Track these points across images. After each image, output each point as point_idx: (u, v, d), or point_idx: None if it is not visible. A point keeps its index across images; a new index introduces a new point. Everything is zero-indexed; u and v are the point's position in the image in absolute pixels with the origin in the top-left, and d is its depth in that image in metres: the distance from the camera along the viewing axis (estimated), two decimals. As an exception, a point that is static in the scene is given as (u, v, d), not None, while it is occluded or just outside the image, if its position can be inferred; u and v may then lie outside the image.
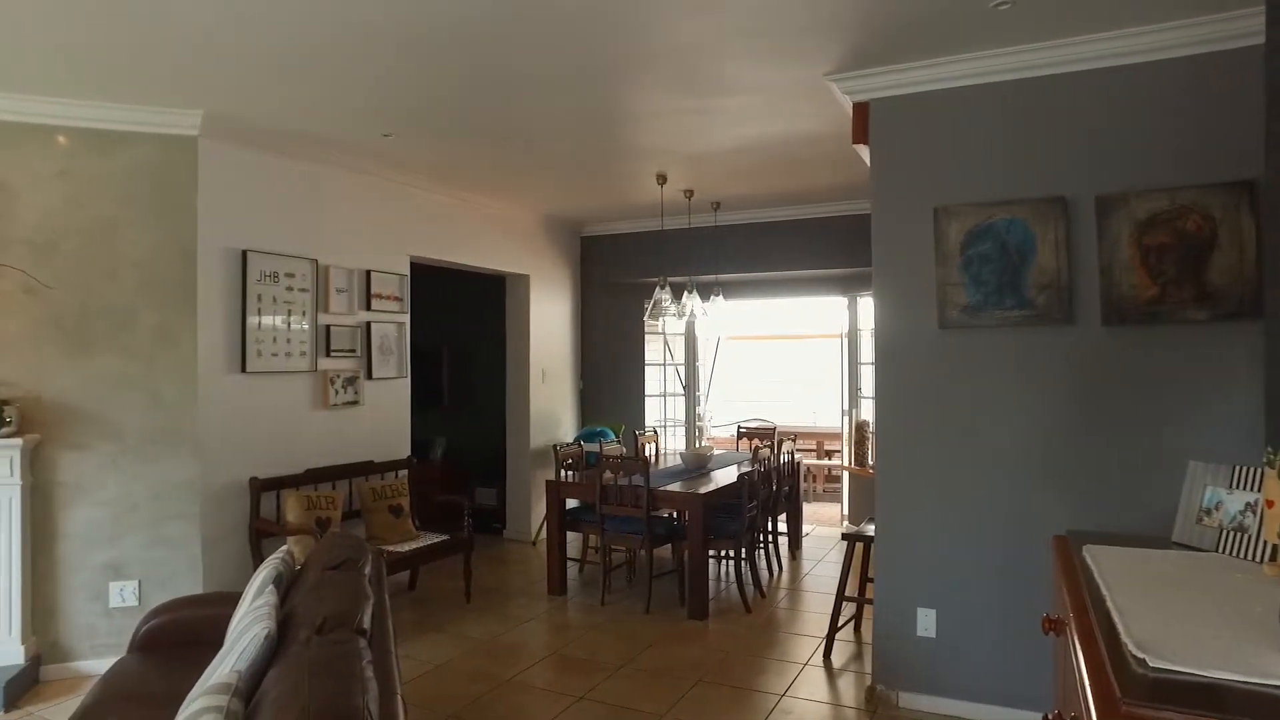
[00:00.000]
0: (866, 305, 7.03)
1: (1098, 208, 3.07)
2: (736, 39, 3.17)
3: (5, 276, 3.84)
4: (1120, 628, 1.47)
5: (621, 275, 7.40)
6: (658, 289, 5.74)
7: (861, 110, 3.55)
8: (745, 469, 5.39)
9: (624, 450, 6.26)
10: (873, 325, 3.64)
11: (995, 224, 3.26)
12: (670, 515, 5.42)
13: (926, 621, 3.46)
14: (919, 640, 3.48)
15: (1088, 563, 1.98)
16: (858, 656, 4.16)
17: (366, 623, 2.17)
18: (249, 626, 2.14)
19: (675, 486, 5.11)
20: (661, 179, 5.53)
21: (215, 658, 2.21)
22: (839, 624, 4.19)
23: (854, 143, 3.67)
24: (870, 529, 4.04)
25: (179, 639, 3.02)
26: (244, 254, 4.34)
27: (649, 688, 3.79)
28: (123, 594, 3.99)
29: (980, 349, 3.35)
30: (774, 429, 7.10)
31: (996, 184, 3.29)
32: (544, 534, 5.94)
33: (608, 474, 5.05)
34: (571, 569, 5.56)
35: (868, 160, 3.66)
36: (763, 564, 5.64)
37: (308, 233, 4.74)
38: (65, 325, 3.92)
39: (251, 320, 4.37)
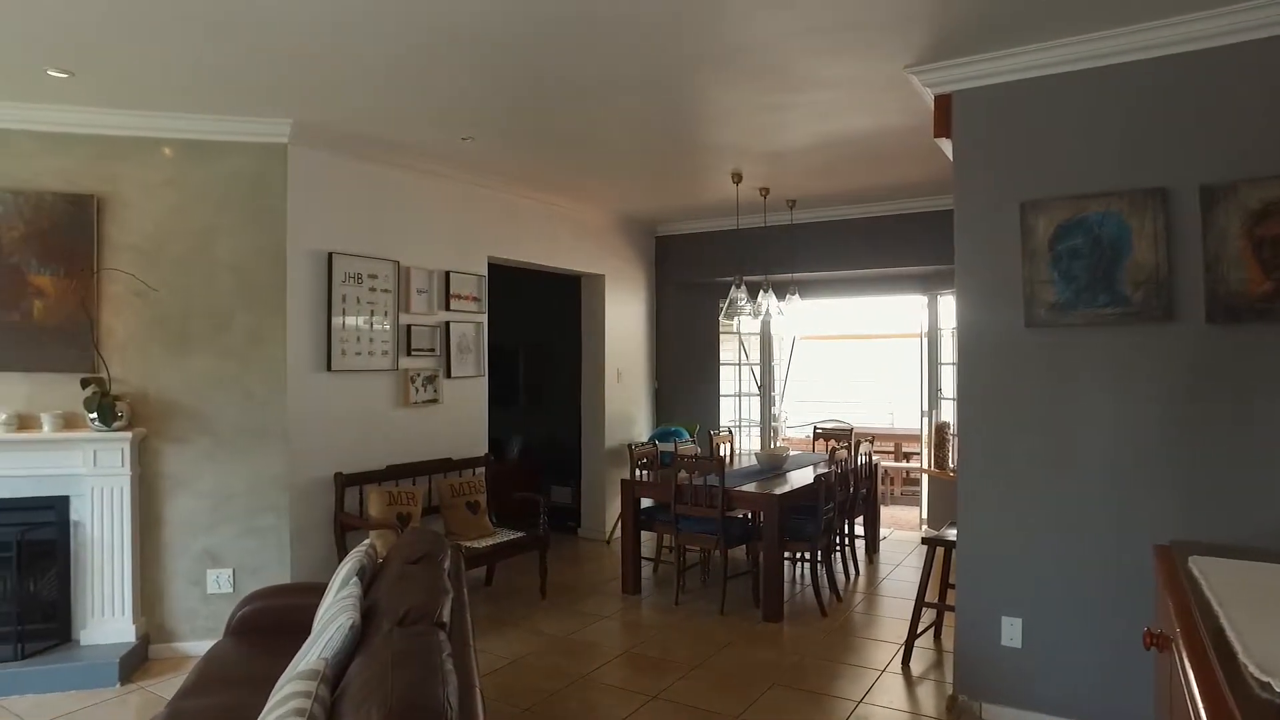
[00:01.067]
0: (948, 304, 6.83)
1: (1202, 198, 2.90)
2: (814, 33, 3.12)
3: (117, 281, 4.08)
4: (1238, 647, 1.37)
5: (696, 275, 7.38)
6: (733, 288, 5.70)
7: (944, 103, 3.44)
8: (822, 470, 5.31)
9: (698, 450, 6.24)
10: (955, 324, 3.53)
11: (1087, 217, 3.12)
12: (745, 516, 5.37)
13: (1012, 631, 3.34)
14: (1004, 650, 3.35)
15: (1195, 575, 1.87)
16: (938, 665, 4.04)
17: (446, 616, 2.22)
18: (335, 616, 2.21)
19: (750, 487, 5.07)
20: (737, 178, 5.49)
21: (304, 645, 2.29)
22: (918, 630, 4.07)
23: (936, 136, 3.56)
24: (951, 533, 3.92)
25: (269, 625, 3.14)
26: (330, 256, 4.50)
27: (723, 689, 3.77)
28: (219, 581, 4.19)
29: (1070, 348, 3.21)
30: (851, 430, 6.96)
31: (1089, 176, 3.15)
32: (618, 533, 5.97)
33: (683, 474, 5.04)
34: (646, 568, 5.58)
35: (950, 154, 3.55)
36: (839, 567, 5.54)
37: (390, 235, 4.88)
38: (169, 326, 4.14)
39: (336, 320, 4.53)
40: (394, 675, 1.72)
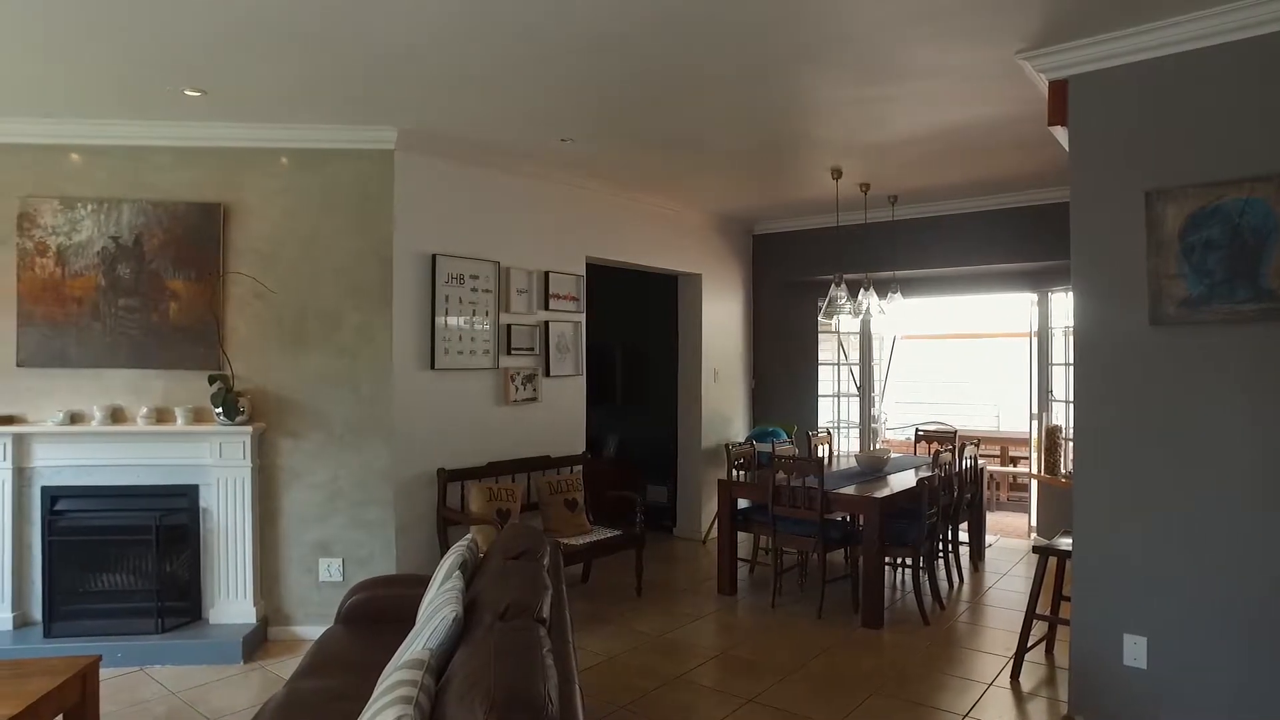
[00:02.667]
0: (1060, 302, 6.49)
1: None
2: (920, 20, 3.01)
3: (240, 283, 4.33)
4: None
5: (794, 273, 7.26)
6: (833, 286, 5.58)
7: (1059, 89, 3.26)
8: (924, 474, 5.13)
9: (796, 451, 6.14)
10: (1069, 323, 3.34)
11: (1224, 205, 2.89)
12: (844, 519, 5.25)
13: (1135, 650, 3.13)
14: (1126, 670, 3.15)
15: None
16: (1050, 681, 3.84)
17: (546, 612, 2.25)
18: (439, 608, 2.28)
19: (850, 489, 4.95)
20: (836, 173, 5.37)
21: (409, 635, 2.37)
22: (1029, 644, 3.88)
23: (1050, 124, 3.38)
24: (1064, 543, 3.72)
25: (376, 614, 3.27)
26: (433, 258, 4.64)
27: (820, 696, 3.69)
28: (330, 570, 4.39)
29: (1203, 346, 2.98)
30: (955, 432, 6.71)
31: (1227, 160, 2.91)
32: (714, 533, 5.94)
33: (781, 474, 4.97)
34: (741, 569, 5.52)
35: (1065, 143, 3.36)
36: (942, 574, 5.35)
37: (491, 236, 5.00)
38: (285, 325, 4.36)
39: (439, 320, 4.67)
40: (496, 668, 1.75)
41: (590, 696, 3.62)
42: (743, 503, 5.44)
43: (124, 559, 4.22)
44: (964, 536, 5.92)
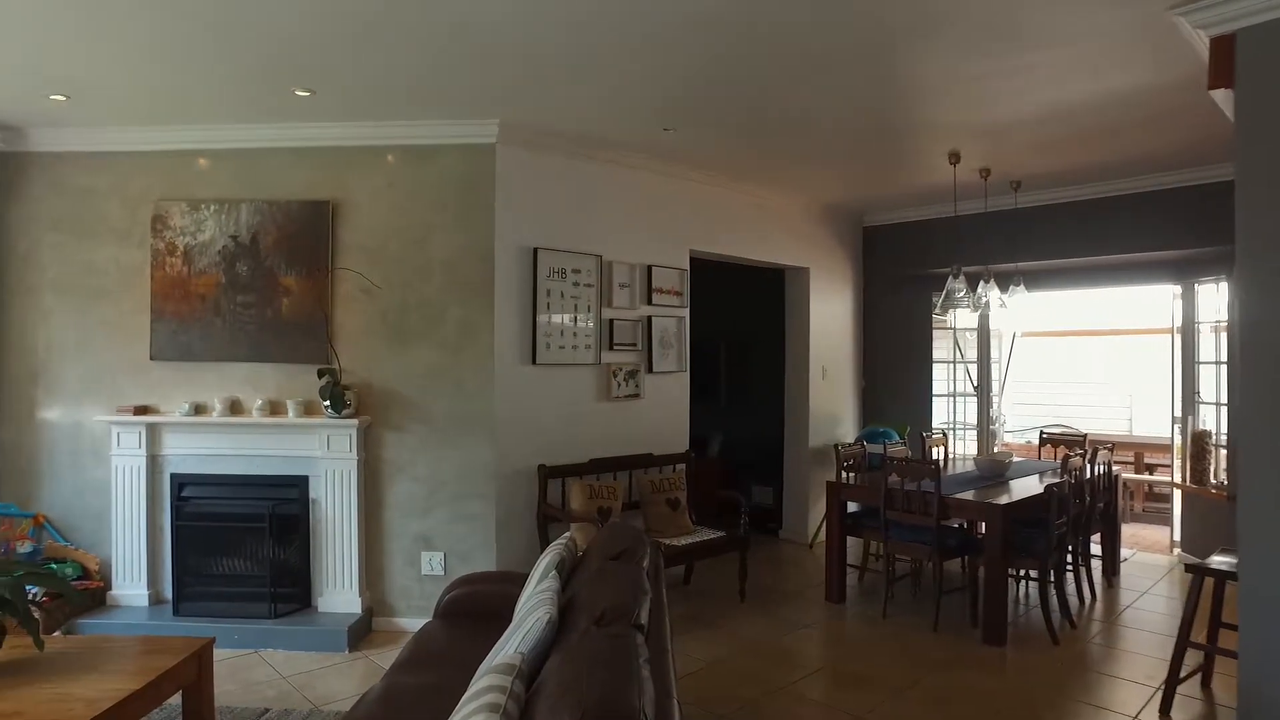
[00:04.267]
0: (1208, 294, 5.90)
1: None
2: (1056, -19, 2.73)
3: (347, 279, 4.42)
4: None
5: (906, 266, 6.91)
6: (951, 279, 5.25)
7: (1223, 45, 2.89)
8: (1051, 480, 4.74)
9: (909, 453, 5.82)
10: (1220, 316, 2.96)
11: None
12: (960, 525, 4.93)
13: (1312, 685, 2.74)
14: (1300, 708, 2.76)
15: None
16: (1209, 719, 3.44)
17: (644, 618, 2.13)
18: (533, 609, 2.19)
19: (968, 495, 4.63)
20: (954, 158, 5.04)
21: (504, 633, 2.30)
22: (1181, 674, 3.49)
23: (1210, 88, 3.00)
24: (1222, 561, 3.33)
25: (473, 610, 3.24)
26: (535, 251, 4.61)
27: (938, 716, 3.43)
28: (431, 563, 4.42)
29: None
30: (1084, 436, 6.21)
31: None
32: (822, 536, 5.70)
33: (894, 477, 4.69)
34: (850, 576, 5.26)
35: (1228, 110, 2.99)
36: (1071, 589, 4.93)
37: (592, 230, 4.94)
38: (390, 320, 4.42)
39: (541, 314, 4.63)
40: (589, 678, 1.65)
41: (689, 705, 3.49)
42: (852, 506, 5.19)
43: (241, 545, 4.38)
44: (1095, 549, 5.45)
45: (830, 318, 6.82)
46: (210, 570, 4.40)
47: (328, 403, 4.21)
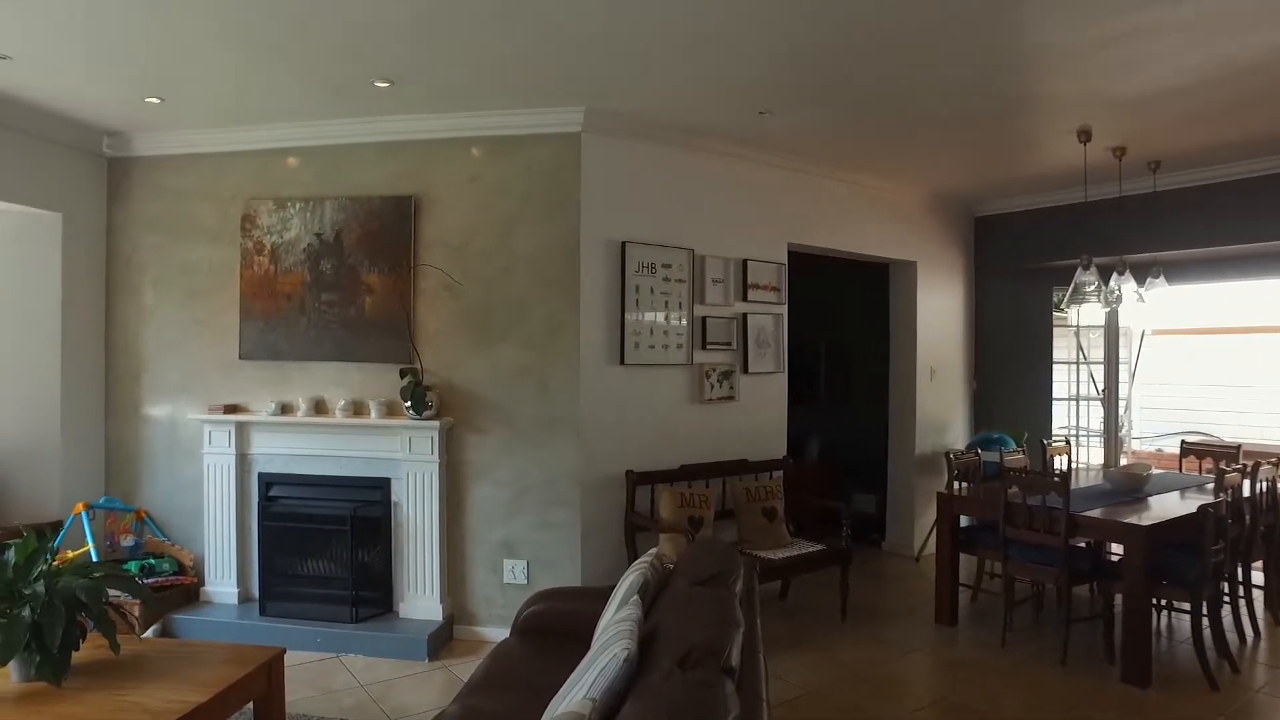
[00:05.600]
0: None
1: None
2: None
3: (429, 276, 4.30)
4: None
5: (1024, 259, 6.35)
6: (1079, 270, 4.73)
7: None
8: (1198, 496, 4.18)
9: (1028, 462, 5.32)
10: None
11: None
12: (1087, 545, 4.42)
13: None
14: None
15: None
16: None
17: (735, 659, 1.85)
18: (611, 642, 1.95)
19: (1097, 512, 4.13)
20: (1084, 135, 4.53)
21: (578, 666, 2.07)
22: (1375, 732, 2.95)
23: None
24: None
25: (552, 627, 3.05)
26: (623, 245, 4.38)
27: (1074, 768, 3.01)
28: (514, 571, 4.25)
29: None
30: (1238, 447, 5.53)
31: None
32: (930, 548, 5.27)
33: (1014, 490, 4.24)
34: (963, 596, 4.81)
35: None
36: (1228, 623, 4.33)
37: (684, 222, 4.67)
38: (472, 319, 4.28)
39: (630, 312, 4.40)
40: (668, 741, 1.39)
41: (787, 739, 3.18)
42: (965, 519, 4.75)
43: (325, 547, 4.34)
44: (1258, 578, 4.80)
45: (939, 314, 6.33)
46: (295, 571, 4.38)
47: (409, 403, 4.10)
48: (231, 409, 4.43)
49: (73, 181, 4.49)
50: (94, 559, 4.21)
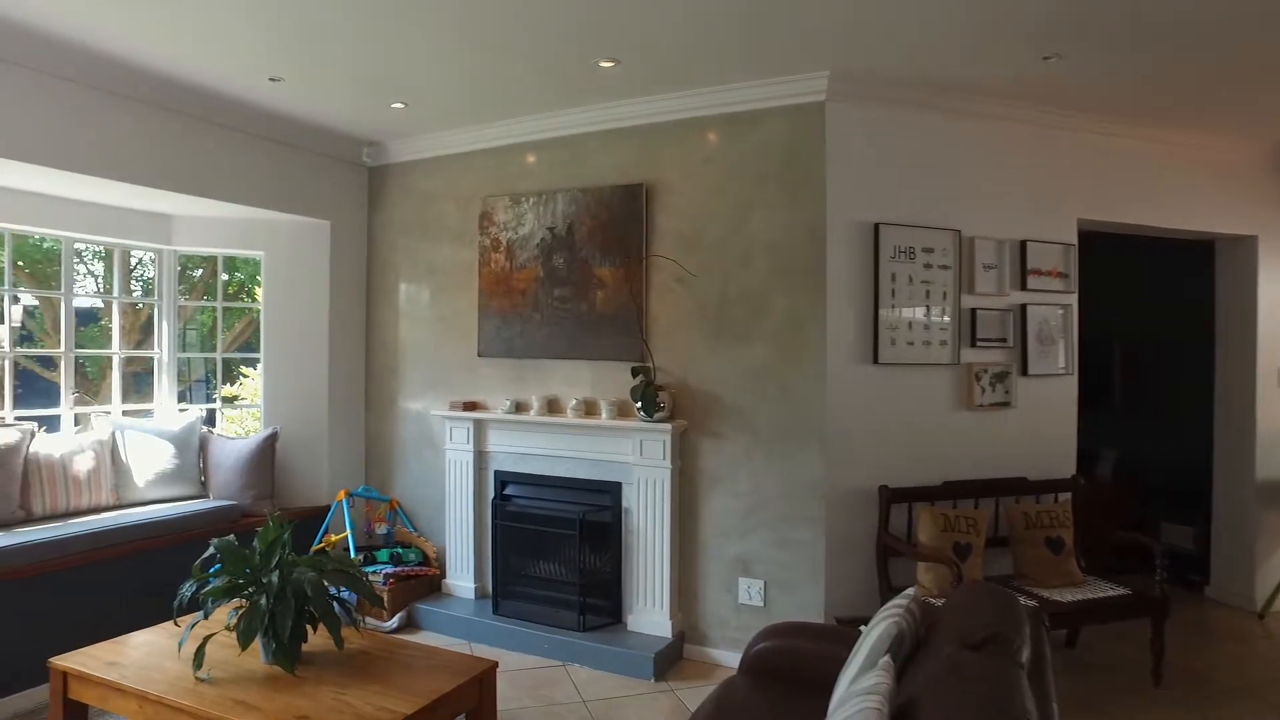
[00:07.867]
0: None
1: None
2: None
3: (661, 268, 4.04)
4: None
5: None
6: None
7: None
8: None
9: None
10: None
11: None
12: None
13: None
14: None
15: None
16: None
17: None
18: (852, 724, 1.50)
19: None
20: None
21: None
22: None
23: None
24: None
25: (784, 669, 2.65)
26: (875, 228, 3.82)
27: None
28: (750, 592, 3.86)
29: None
30: None
31: None
32: (1278, 605, 4.13)
33: None
34: (1334, 670, 3.69)
35: None
36: None
37: (947, 199, 4.00)
38: (707, 313, 3.95)
39: (884, 304, 3.83)
40: None
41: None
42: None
43: (556, 550, 4.24)
44: None
45: (1285, 301, 5.01)
46: (527, 571, 4.33)
47: (639, 404, 3.86)
48: (470, 406, 4.48)
49: (339, 191, 4.80)
50: (351, 544, 4.44)
